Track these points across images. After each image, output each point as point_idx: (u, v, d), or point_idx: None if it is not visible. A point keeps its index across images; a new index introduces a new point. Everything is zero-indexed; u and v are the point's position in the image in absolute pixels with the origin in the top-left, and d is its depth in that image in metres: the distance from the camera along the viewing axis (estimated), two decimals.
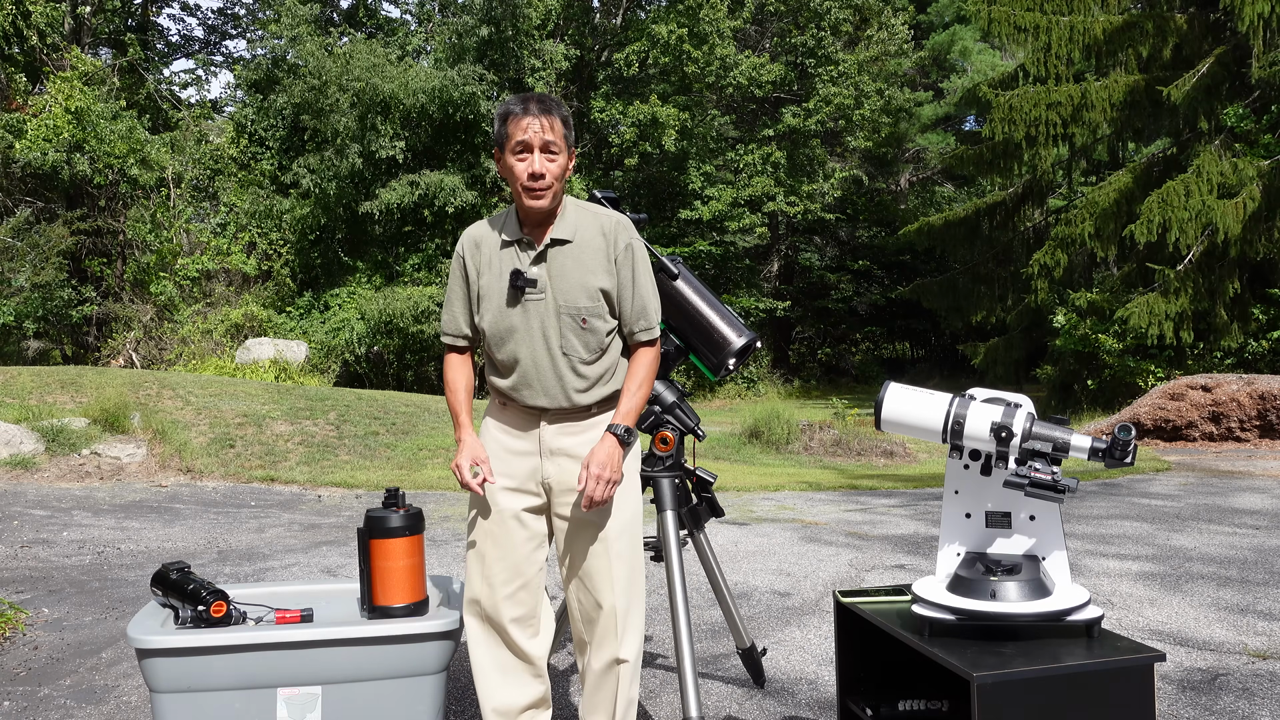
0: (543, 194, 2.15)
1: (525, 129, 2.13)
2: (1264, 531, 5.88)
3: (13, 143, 16.64)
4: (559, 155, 2.17)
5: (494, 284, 2.22)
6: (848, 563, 5.10)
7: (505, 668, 2.28)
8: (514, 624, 2.27)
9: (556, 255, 2.20)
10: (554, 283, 2.19)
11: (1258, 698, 3.04)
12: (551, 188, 2.16)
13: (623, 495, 2.28)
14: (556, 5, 20.14)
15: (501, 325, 2.22)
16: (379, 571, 2.25)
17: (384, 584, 2.25)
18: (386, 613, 2.23)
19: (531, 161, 2.14)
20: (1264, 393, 10.83)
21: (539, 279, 2.19)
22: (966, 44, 24.23)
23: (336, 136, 18.46)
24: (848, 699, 2.27)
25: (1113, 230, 14.67)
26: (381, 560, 2.25)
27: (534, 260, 2.20)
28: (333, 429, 9.48)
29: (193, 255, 18.54)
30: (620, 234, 2.24)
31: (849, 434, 10.89)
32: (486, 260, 2.24)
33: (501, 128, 2.18)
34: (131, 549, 5.50)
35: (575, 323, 2.19)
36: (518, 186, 2.16)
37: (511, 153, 2.15)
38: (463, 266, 2.27)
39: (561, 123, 2.18)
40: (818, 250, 26.88)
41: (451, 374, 2.33)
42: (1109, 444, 1.87)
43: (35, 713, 2.98)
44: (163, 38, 25.53)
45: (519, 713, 2.30)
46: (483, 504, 2.28)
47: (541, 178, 2.14)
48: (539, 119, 2.14)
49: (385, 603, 2.25)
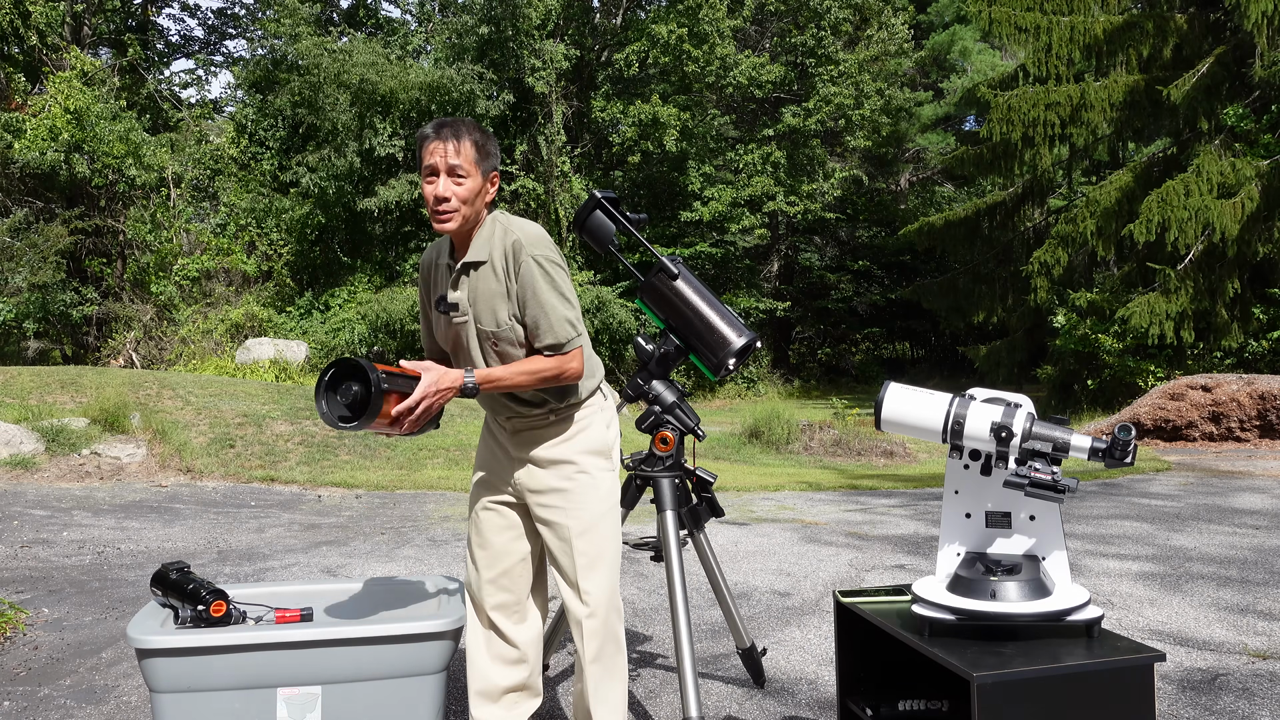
0: (448, 217, 2.17)
1: (433, 153, 2.18)
2: (1264, 531, 5.89)
3: (12, 143, 16.64)
4: (466, 179, 2.17)
5: (433, 306, 2.33)
6: (848, 563, 5.10)
7: (490, 651, 2.39)
8: (496, 610, 2.38)
9: (471, 279, 2.23)
10: (474, 306, 2.23)
11: (1258, 698, 3.04)
12: (459, 210, 2.17)
13: (585, 493, 2.31)
14: (556, 5, 20.14)
15: (446, 345, 2.34)
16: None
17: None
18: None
19: (437, 185, 2.17)
20: (1264, 393, 10.83)
21: (459, 303, 2.23)
22: (966, 44, 24.25)
23: (335, 134, 18.46)
24: (848, 699, 2.27)
25: (1114, 229, 14.67)
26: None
27: (452, 284, 2.25)
28: (332, 429, 9.47)
29: (193, 255, 18.54)
30: (518, 251, 2.17)
31: (849, 434, 10.89)
32: (434, 281, 2.35)
33: (418, 151, 2.25)
34: (131, 549, 5.50)
35: (490, 347, 2.24)
36: (429, 210, 2.22)
37: (423, 176, 2.21)
38: (422, 287, 2.41)
39: (473, 145, 2.18)
40: (818, 250, 26.89)
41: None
42: (1109, 444, 1.87)
43: (35, 713, 2.98)
44: (163, 38, 25.53)
45: (501, 694, 2.39)
46: (472, 500, 2.44)
47: (446, 200, 2.16)
48: (447, 143, 2.17)
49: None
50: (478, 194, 2.20)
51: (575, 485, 2.31)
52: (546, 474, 2.33)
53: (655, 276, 2.62)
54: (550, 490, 2.32)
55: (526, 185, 19.54)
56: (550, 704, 3.04)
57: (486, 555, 2.38)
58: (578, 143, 22.05)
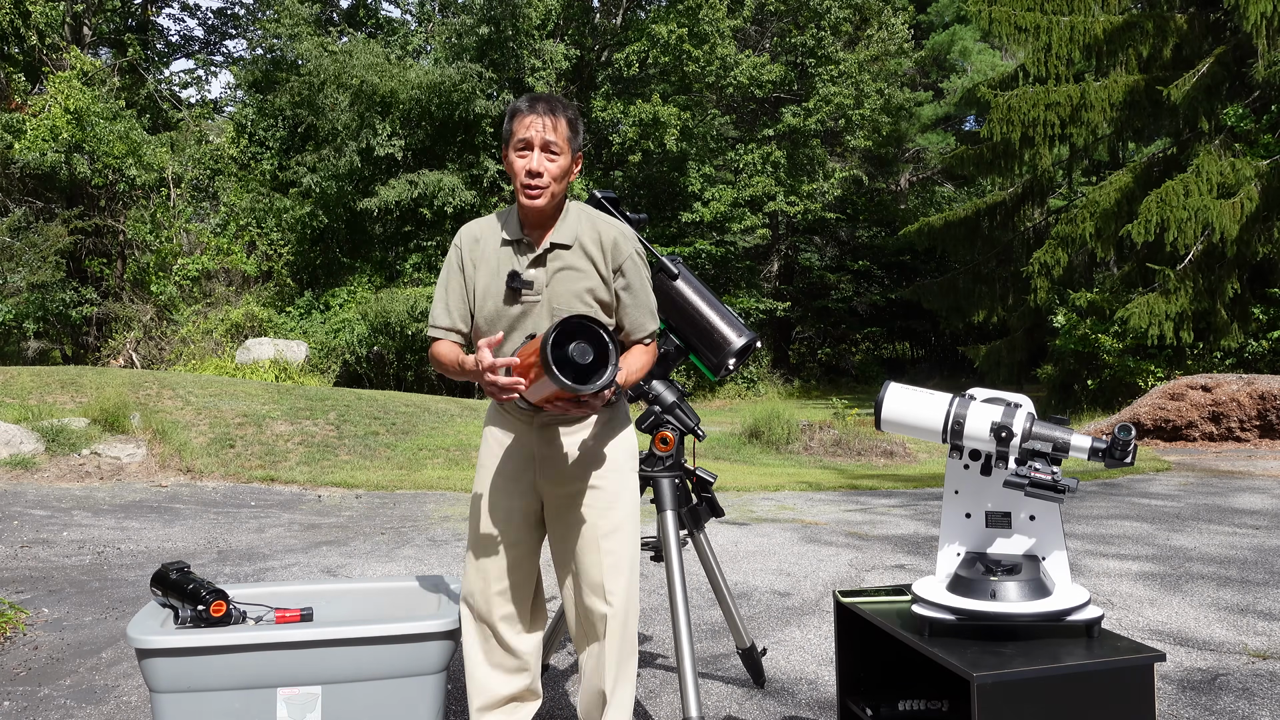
0: (539, 192, 2.15)
1: (528, 126, 2.14)
2: (1264, 531, 5.88)
3: (12, 143, 16.64)
4: (559, 156, 2.16)
5: (491, 282, 2.22)
6: (848, 563, 5.10)
7: (493, 660, 2.32)
8: (503, 621, 2.30)
9: (554, 260, 2.20)
10: (550, 287, 2.19)
11: (1258, 698, 3.04)
12: (549, 187, 2.15)
13: (616, 492, 2.28)
14: (556, 5, 20.15)
15: (497, 325, 2.21)
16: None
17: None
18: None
19: (530, 159, 2.14)
20: (1264, 393, 10.83)
21: (535, 281, 2.19)
22: (966, 44, 24.24)
23: (335, 135, 18.46)
24: (848, 699, 2.27)
25: (1113, 230, 14.67)
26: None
27: (532, 263, 2.20)
28: (333, 429, 9.48)
29: (193, 255, 18.55)
30: (621, 245, 2.24)
31: (849, 434, 10.89)
32: (484, 256, 2.24)
33: (508, 125, 2.20)
34: (131, 549, 5.50)
35: None
36: (517, 184, 2.17)
37: (514, 150, 2.16)
38: (460, 260, 2.27)
39: (567, 124, 2.17)
40: (818, 250, 26.88)
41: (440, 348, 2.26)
42: (1109, 444, 1.87)
43: (35, 713, 2.98)
44: (163, 38, 25.55)
45: (502, 703, 2.34)
46: (480, 501, 2.30)
47: (539, 176, 2.14)
48: (543, 118, 2.15)
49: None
50: (566, 172, 2.19)
51: (606, 484, 2.28)
52: (576, 472, 2.26)
53: (655, 276, 2.62)
54: (579, 489, 2.26)
55: None
56: (550, 704, 3.04)
57: (498, 565, 2.28)
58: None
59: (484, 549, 2.30)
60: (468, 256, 2.26)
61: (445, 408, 11.28)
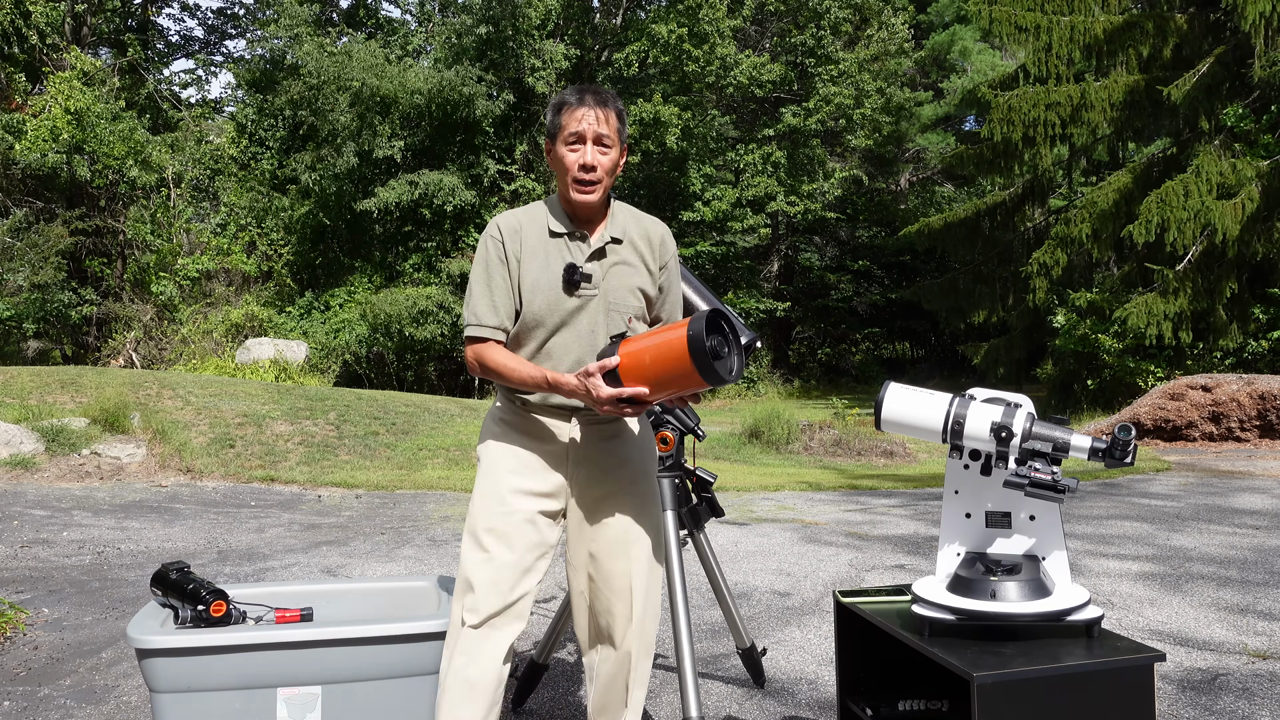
0: (593, 188, 2.10)
1: (580, 119, 2.09)
2: (1264, 531, 5.88)
3: (12, 144, 16.65)
4: (611, 149, 2.12)
5: (541, 275, 2.12)
6: (848, 563, 5.10)
7: (475, 685, 2.09)
8: (507, 634, 2.11)
9: (611, 253, 2.16)
10: (606, 280, 2.14)
11: (1258, 698, 3.04)
12: (602, 182, 2.11)
13: (651, 496, 2.25)
14: (556, 5, 20.15)
15: (552, 319, 2.12)
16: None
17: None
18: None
19: (584, 153, 2.09)
20: (1264, 393, 10.83)
21: (593, 275, 2.13)
22: (966, 44, 24.24)
23: (335, 135, 18.47)
24: (848, 699, 2.27)
25: (1110, 231, 14.67)
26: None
27: (590, 256, 2.14)
28: (333, 429, 9.48)
29: (193, 255, 18.56)
30: (668, 242, 2.24)
31: (849, 434, 10.89)
32: (531, 250, 2.14)
33: (555, 118, 2.13)
34: (131, 549, 5.50)
35: (621, 322, 2.14)
36: (567, 179, 2.10)
37: (564, 143, 2.10)
38: (503, 253, 2.13)
39: (616, 116, 2.13)
40: (818, 250, 26.89)
41: (498, 354, 2.10)
42: (1109, 444, 1.87)
43: (35, 713, 2.98)
44: (163, 38, 25.55)
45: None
46: (490, 503, 2.13)
47: (593, 170, 2.09)
48: (594, 110, 2.10)
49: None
50: (616, 166, 2.14)
51: (639, 486, 2.22)
52: (612, 473, 2.18)
53: None
54: (612, 491, 2.18)
55: (526, 185, 19.56)
56: (550, 704, 3.04)
57: (515, 576, 2.09)
58: None
59: (501, 555, 2.10)
60: (510, 249, 2.13)
61: (445, 408, 11.28)
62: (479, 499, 2.16)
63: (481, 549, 2.10)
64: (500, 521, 2.11)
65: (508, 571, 2.09)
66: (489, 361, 2.10)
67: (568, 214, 2.17)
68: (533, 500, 2.14)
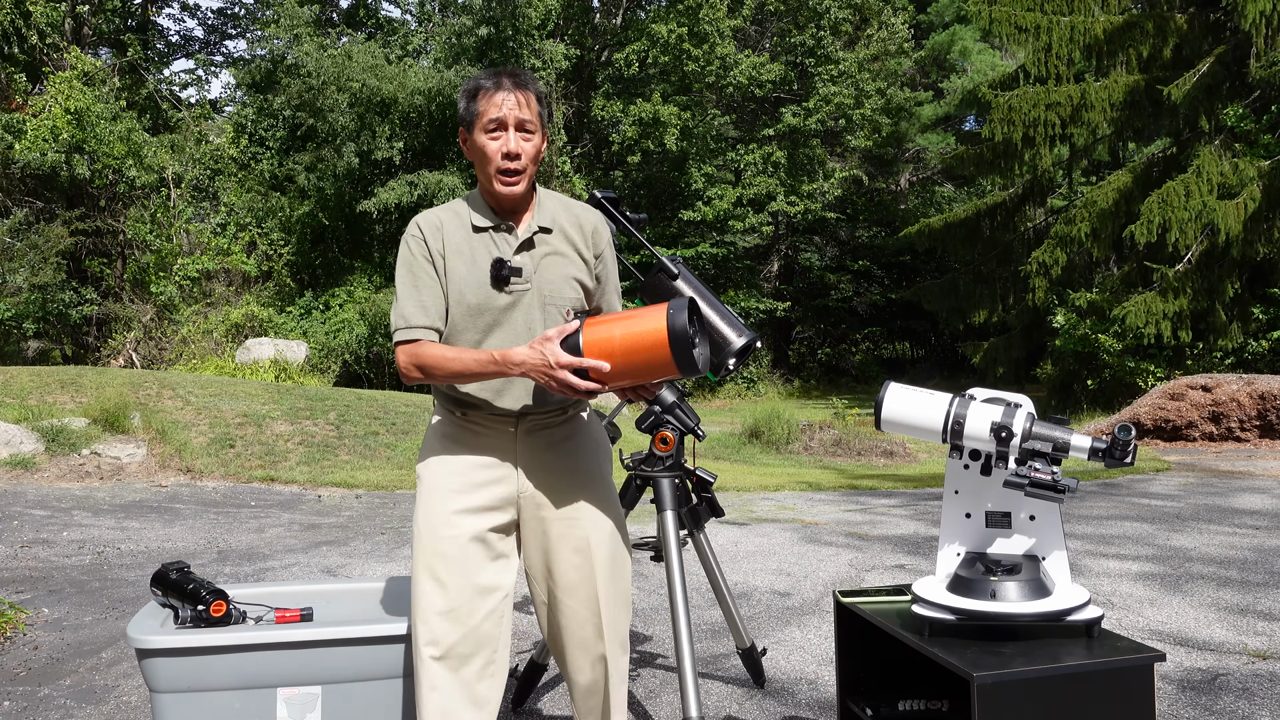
0: (518, 177, 1.98)
1: (499, 105, 1.95)
2: (1264, 532, 5.88)
3: (12, 143, 16.65)
4: (534, 135, 1.99)
5: (468, 273, 2.00)
6: (848, 563, 5.10)
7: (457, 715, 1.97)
8: (479, 660, 1.99)
9: (541, 244, 2.04)
10: (538, 273, 2.02)
11: (1258, 698, 3.04)
12: (527, 170, 1.98)
13: (609, 498, 2.15)
14: (556, 5, 20.15)
15: (484, 319, 2.00)
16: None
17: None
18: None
19: (506, 140, 1.96)
20: (1264, 393, 10.83)
21: (523, 268, 2.01)
22: (966, 44, 24.24)
23: (334, 136, 18.48)
24: (848, 699, 2.27)
25: (1110, 231, 14.68)
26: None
27: (519, 248, 2.02)
28: (333, 429, 9.48)
29: (193, 255, 18.56)
30: (601, 230, 2.12)
31: (849, 434, 10.90)
32: (455, 247, 2.01)
33: (470, 104, 1.99)
34: (131, 549, 5.50)
35: (559, 315, 2.02)
36: (490, 169, 1.97)
37: (484, 131, 1.97)
38: (426, 253, 2.01)
39: (537, 99, 1.99)
40: (818, 250, 26.90)
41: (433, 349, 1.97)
42: (1109, 444, 1.87)
43: (35, 713, 2.98)
44: (163, 38, 25.56)
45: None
46: (436, 527, 2.00)
47: (517, 158, 1.96)
48: (514, 94, 1.96)
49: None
50: (539, 152, 2.02)
51: (599, 492, 2.11)
52: (566, 479, 2.08)
53: (655, 276, 2.62)
54: (569, 498, 2.07)
55: None
56: (551, 705, 3.04)
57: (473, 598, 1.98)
58: (578, 143, 22.06)
59: (453, 580, 1.97)
60: (433, 247, 2.02)
61: None
62: (423, 524, 2.02)
63: (433, 578, 1.98)
64: (449, 545, 1.98)
65: (464, 596, 1.97)
66: (426, 358, 1.95)
67: (491, 207, 2.05)
68: (481, 517, 2.02)
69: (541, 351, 1.81)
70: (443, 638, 1.96)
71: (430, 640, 1.96)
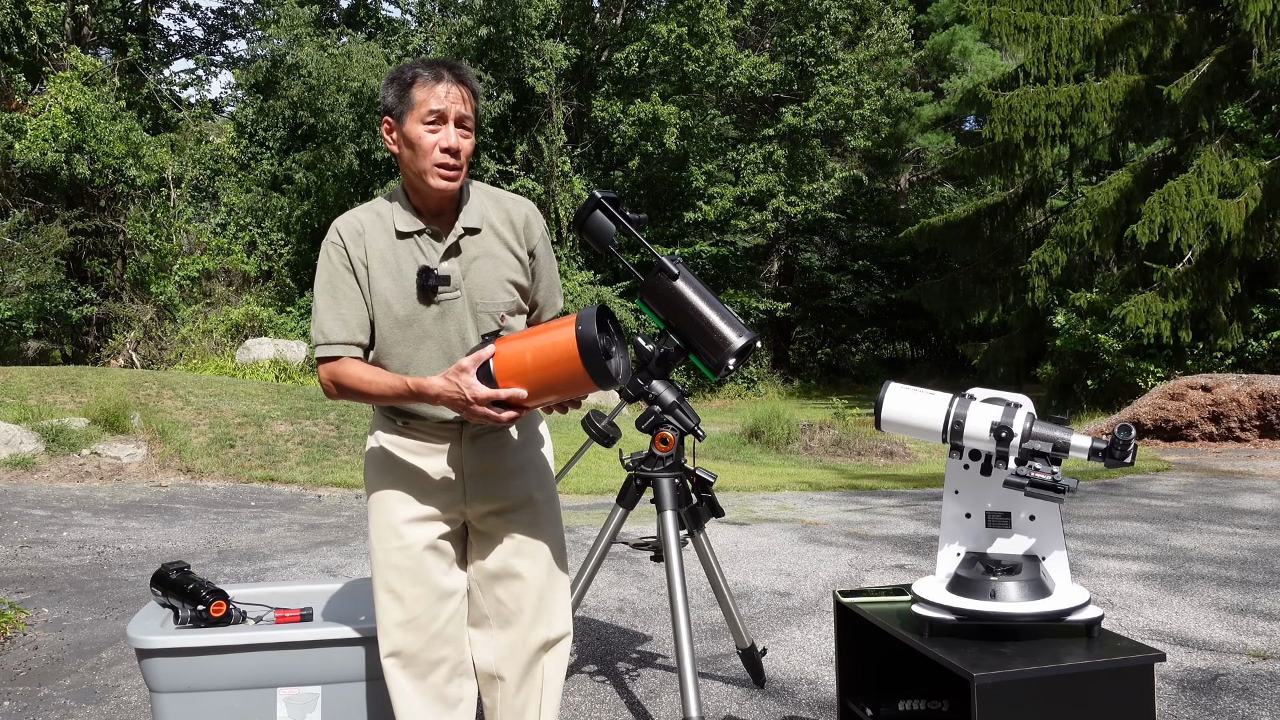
0: (457, 174, 1.88)
1: (441, 96, 1.85)
2: (1264, 532, 5.88)
3: (12, 143, 16.65)
4: (471, 133, 1.90)
5: (390, 284, 1.89)
6: (848, 563, 5.10)
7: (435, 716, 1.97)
8: (446, 664, 1.98)
9: (468, 247, 1.93)
10: (467, 278, 1.93)
11: (1258, 698, 3.04)
12: (463, 168, 1.89)
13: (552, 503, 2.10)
14: (556, 5, 20.15)
15: (412, 332, 1.91)
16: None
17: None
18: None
19: (446, 134, 1.86)
20: (1264, 393, 10.83)
21: (451, 275, 1.90)
22: (966, 44, 24.24)
23: (334, 136, 18.48)
24: (848, 699, 2.27)
25: (1112, 230, 14.68)
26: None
27: (445, 254, 1.91)
28: (333, 429, 9.48)
29: (193, 255, 18.56)
30: (534, 221, 2.01)
31: (849, 434, 10.90)
32: (378, 255, 1.90)
33: (405, 93, 1.87)
34: (131, 549, 5.50)
35: (494, 321, 1.94)
36: (425, 162, 1.85)
37: (420, 121, 1.85)
38: (347, 261, 1.90)
39: (473, 95, 1.91)
40: (818, 250, 26.90)
41: (353, 369, 1.88)
42: (1109, 444, 1.87)
43: (35, 713, 2.98)
44: (163, 38, 25.57)
45: None
46: (386, 540, 1.97)
47: (456, 154, 1.86)
48: (455, 87, 1.87)
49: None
50: (470, 154, 1.92)
51: (544, 495, 2.07)
52: (512, 485, 2.02)
53: (655, 276, 2.61)
54: (514, 504, 2.02)
55: (526, 185, 19.56)
56: None
57: (432, 605, 1.96)
58: (578, 143, 22.06)
59: (408, 590, 1.95)
60: (354, 255, 1.90)
61: None
62: (375, 539, 1.99)
63: (389, 591, 1.96)
64: (400, 557, 1.95)
65: (422, 606, 1.95)
66: (345, 379, 1.87)
67: (416, 207, 1.94)
68: (430, 526, 1.98)
69: (457, 384, 1.74)
70: (405, 648, 1.95)
71: (393, 651, 1.96)
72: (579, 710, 2.97)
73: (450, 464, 1.99)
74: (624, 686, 3.17)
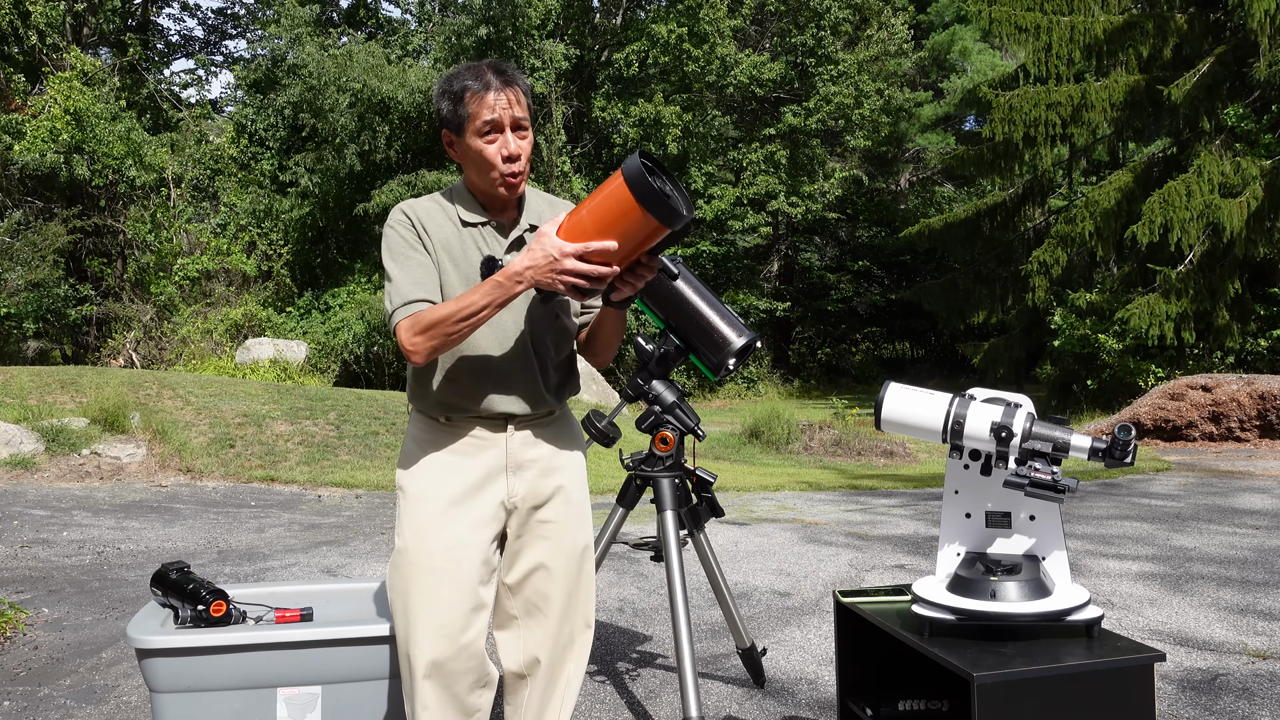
0: (520, 179, 1.90)
1: (493, 106, 1.84)
2: (1264, 532, 5.88)
3: (12, 144, 16.65)
4: (529, 131, 1.90)
5: (453, 270, 1.91)
6: (848, 563, 5.10)
7: None
8: (470, 676, 1.92)
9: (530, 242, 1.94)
10: None
11: (1258, 698, 3.04)
12: (525, 170, 1.90)
13: (585, 502, 2.11)
14: (556, 5, 20.16)
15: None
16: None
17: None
18: None
19: (505, 142, 1.86)
20: (1264, 393, 10.83)
21: None
22: (966, 44, 24.25)
23: (335, 136, 18.49)
24: (848, 699, 2.27)
25: (1113, 230, 14.68)
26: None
27: (509, 247, 1.95)
28: (333, 429, 9.48)
29: (193, 255, 18.56)
30: None
31: (849, 434, 10.90)
32: (442, 242, 1.92)
33: (458, 107, 1.86)
34: (131, 549, 5.50)
35: (551, 316, 1.96)
36: (492, 174, 1.88)
37: (477, 135, 1.85)
38: (416, 237, 1.91)
39: (524, 93, 1.89)
40: (818, 250, 26.91)
41: (433, 309, 1.82)
42: (1109, 444, 1.87)
43: (35, 713, 2.98)
44: (163, 38, 25.57)
45: None
46: (426, 540, 1.94)
47: (518, 159, 1.87)
48: (505, 93, 1.85)
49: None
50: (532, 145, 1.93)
51: (582, 494, 2.08)
52: (552, 482, 2.02)
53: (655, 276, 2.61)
54: (559, 500, 2.02)
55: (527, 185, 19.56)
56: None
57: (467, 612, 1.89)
58: (578, 143, 22.07)
59: (447, 594, 1.88)
60: (421, 234, 1.92)
61: None
62: (412, 536, 1.95)
63: (423, 593, 1.89)
64: (441, 560, 1.90)
65: (457, 613, 1.89)
66: (429, 318, 1.79)
67: (480, 202, 1.96)
68: (475, 529, 1.94)
69: (543, 247, 1.68)
70: (435, 657, 1.88)
71: (422, 659, 1.88)
72: (579, 710, 2.97)
73: (494, 457, 1.97)
74: (624, 686, 3.17)
